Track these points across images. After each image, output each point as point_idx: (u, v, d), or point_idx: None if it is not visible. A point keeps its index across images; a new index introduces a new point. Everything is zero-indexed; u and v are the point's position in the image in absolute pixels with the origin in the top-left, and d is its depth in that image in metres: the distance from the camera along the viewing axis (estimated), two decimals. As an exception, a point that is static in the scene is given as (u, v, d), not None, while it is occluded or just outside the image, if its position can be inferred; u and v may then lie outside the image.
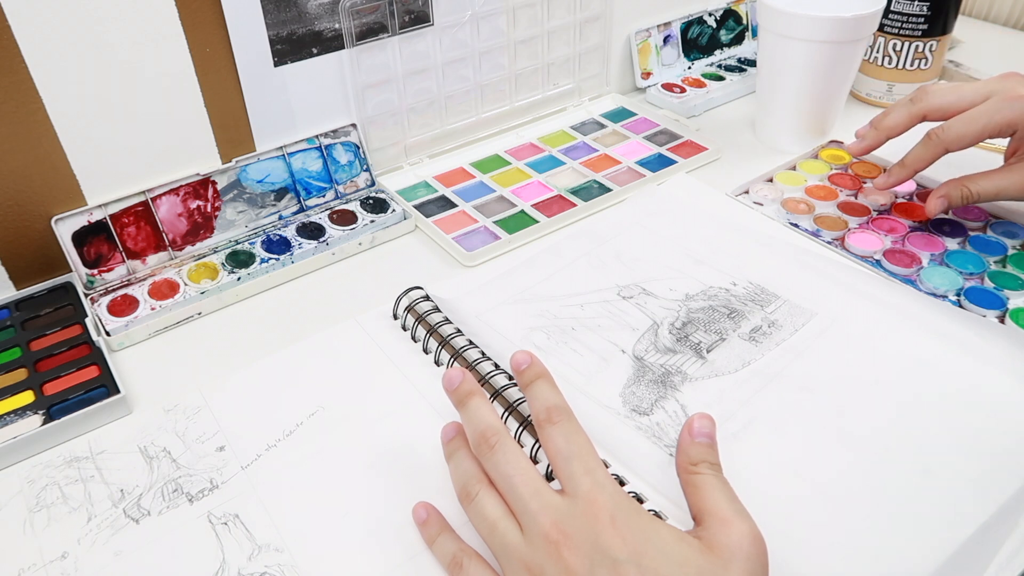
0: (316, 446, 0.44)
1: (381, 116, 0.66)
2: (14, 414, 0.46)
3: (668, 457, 0.43)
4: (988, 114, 0.54)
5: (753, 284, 0.55)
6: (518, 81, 0.73)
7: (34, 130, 0.52)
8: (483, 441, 0.37)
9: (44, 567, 0.39)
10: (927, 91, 0.57)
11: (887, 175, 0.60)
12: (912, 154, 0.58)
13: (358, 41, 0.62)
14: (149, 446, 0.45)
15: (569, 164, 0.69)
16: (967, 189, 0.56)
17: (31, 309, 0.54)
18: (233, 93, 0.59)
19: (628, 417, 0.45)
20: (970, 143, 0.55)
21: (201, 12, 0.55)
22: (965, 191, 0.56)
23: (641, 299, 0.54)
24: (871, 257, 0.57)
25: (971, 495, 0.40)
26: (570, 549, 0.33)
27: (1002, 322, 0.51)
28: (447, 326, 0.50)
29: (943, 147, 0.56)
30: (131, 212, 0.56)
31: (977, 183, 0.56)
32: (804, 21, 0.63)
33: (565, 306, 0.54)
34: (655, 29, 0.81)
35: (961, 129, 0.55)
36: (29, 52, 0.50)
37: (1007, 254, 0.57)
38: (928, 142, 0.56)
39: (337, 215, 0.62)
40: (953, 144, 0.55)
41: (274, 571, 0.38)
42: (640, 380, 0.48)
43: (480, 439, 0.38)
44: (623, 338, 0.51)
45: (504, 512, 0.36)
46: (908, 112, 0.58)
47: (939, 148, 0.56)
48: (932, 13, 0.72)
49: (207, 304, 0.55)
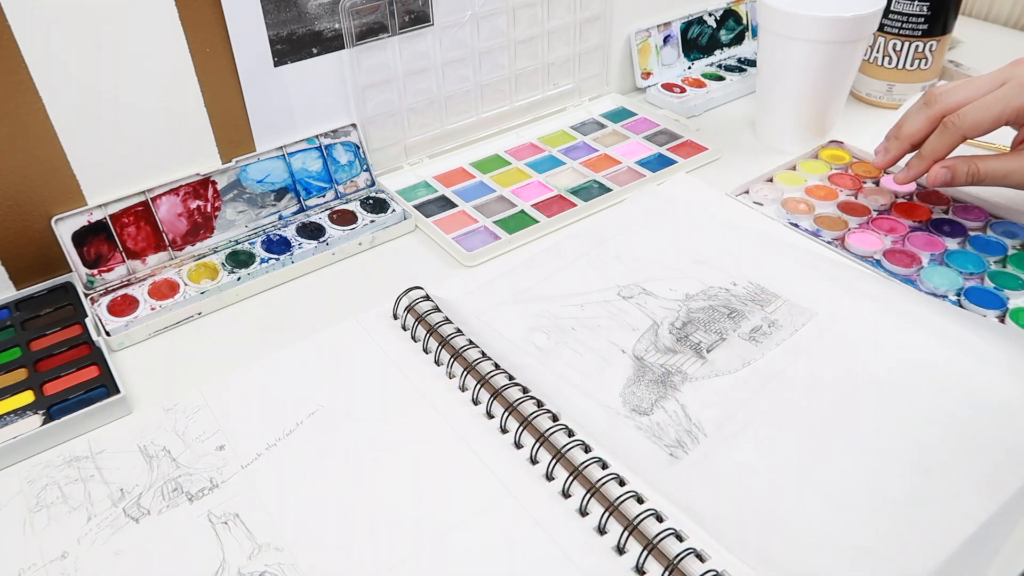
0: (316, 446, 0.44)
1: (381, 116, 0.66)
2: (14, 414, 0.46)
3: (668, 457, 0.43)
4: (1005, 100, 0.53)
5: (753, 284, 0.55)
6: (518, 81, 0.73)
7: (34, 130, 0.52)
8: None
9: (44, 567, 0.39)
10: (939, 92, 0.57)
11: (906, 168, 0.59)
12: (929, 145, 0.57)
13: (358, 41, 0.62)
14: (149, 445, 0.45)
15: (569, 164, 0.69)
16: (975, 166, 0.55)
17: (31, 309, 0.54)
18: (233, 93, 0.59)
19: (628, 417, 0.45)
20: (987, 130, 0.55)
21: (201, 12, 0.55)
22: (972, 167, 0.55)
23: (641, 299, 0.54)
24: (871, 257, 0.57)
25: (971, 495, 0.40)
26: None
27: (1002, 322, 0.51)
28: (447, 326, 0.50)
29: (960, 135, 0.55)
30: (131, 212, 0.56)
31: (986, 162, 0.55)
32: (804, 21, 0.63)
33: (565, 306, 0.54)
34: (655, 29, 0.81)
35: (978, 116, 0.54)
36: (29, 52, 0.50)
37: (1007, 254, 0.57)
38: (944, 131, 0.56)
39: (337, 215, 0.62)
40: (971, 131, 0.55)
41: (274, 570, 0.38)
42: (640, 380, 0.48)
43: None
44: (623, 338, 0.51)
45: None
46: (926, 116, 0.57)
47: (956, 136, 0.55)
48: (932, 13, 0.72)
49: (207, 304, 0.55)
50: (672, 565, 0.36)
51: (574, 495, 0.41)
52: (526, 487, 0.42)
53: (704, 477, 0.42)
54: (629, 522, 0.38)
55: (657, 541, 0.37)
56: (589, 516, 0.40)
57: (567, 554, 0.38)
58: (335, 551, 0.39)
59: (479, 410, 0.46)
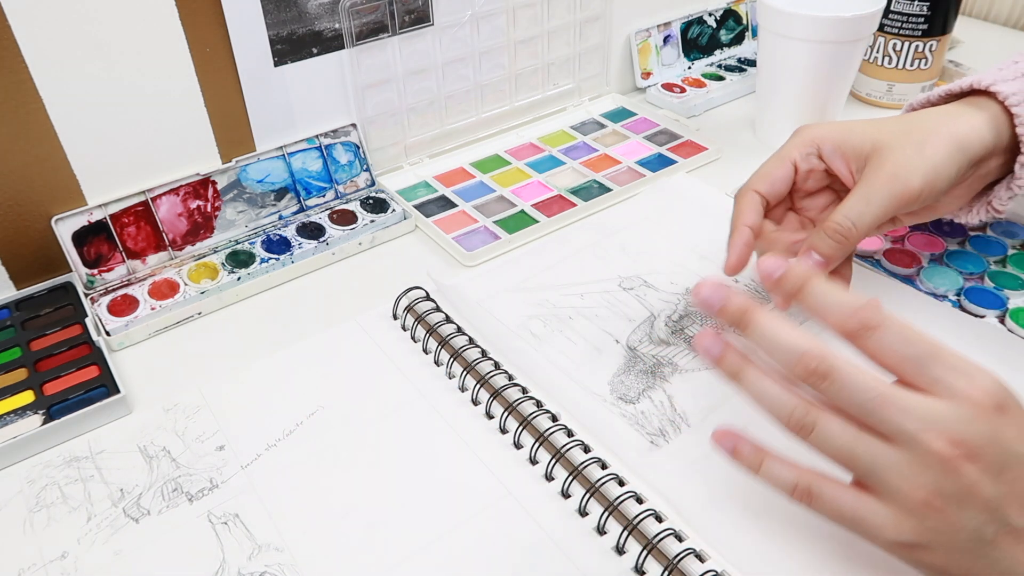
0: (316, 446, 0.44)
1: (381, 116, 0.66)
2: (14, 414, 0.46)
3: (650, 444, 0.43)
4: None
5: (755, 281, 0.55)
6: (518, 81, 0.73)
7: (34, 130, 0.52)
8: (808, 373, 0.33)
9: (44, 567, 0.39)
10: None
11: None
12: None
13: (358, 41, 0.62)
14: (149, 445, 0.45)
15: (569, 164, 0.69)
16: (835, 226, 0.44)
17: (31, 309, 0.54)
18: (233, 93, 0.59)
19: (614, 404, 0.46)
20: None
21: (201, 12, 0.55)
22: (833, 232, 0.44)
23: (641, 291, 0.54)
24: (871, 257, 0.57)
25: None
26: (971, 460, 0.30)
27: (1002, 322, 0.51)
28: (447, 326, 0.51)
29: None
30: (131, 212, 0.56)
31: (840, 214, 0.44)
32: (804, 21, 0.63)
33: (565, 295, 0.54)
34: (655, 29, 0.81)
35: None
36: (29, 52, 0.50)
37: (1007, 254, 0.57)
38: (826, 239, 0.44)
39: (337, 215, 0.62)
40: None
41: (274, 570, 0.38)
42: (630, 370, 0.48)
43: (803, 370, 0.33)
44: (618, 328, 0.51)
45: (857, 430, 0.32)
46: None
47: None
48: (932, 13, 0.72)
49: (207, 304, 0.55)
50: (672, 565, 0.36)
51: (574, 495, 0.41)
52: (526, 487, 0.42)
53: (683, 465, 0.42)
54: (629, 522, 0.38)
55: (657, 541, 0.38)
56: (589, 516, 0.40)
57: (567, 554, 0.38)
58: (335, 551, 0.39)
59: (479, 410, 0.46)
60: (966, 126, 0.44)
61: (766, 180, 0.48)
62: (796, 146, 0.48)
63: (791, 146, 0.48)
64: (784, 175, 0.48)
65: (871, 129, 0.46)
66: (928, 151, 0.43)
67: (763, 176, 0.48)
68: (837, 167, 0.46)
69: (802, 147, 0.47)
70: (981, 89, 0.46)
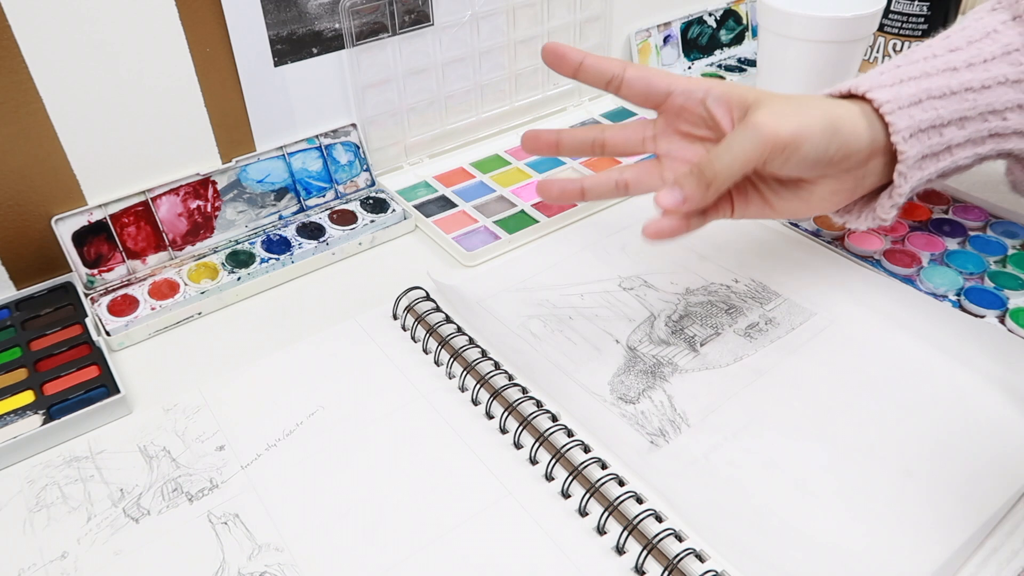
0: (316, 446, 0.45)
1: (381, 116, 0.66)
2: (14, 414, 0.46)
3: (649, 444, 0.43)
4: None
5: (755, 282, 0.55)
6: (518, 81, 0.73)
7: (34, 130, 0.52)
8: None
9: (44, 567, 0.39)
10: None
11: None
12: None
13: (358, 41, 0.62)
14: (149, 445, 0.45)
15: (569, 164, 0.69)
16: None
17: (31, 309, 0.54)
18: (233, 93, 0.59)
19: (614, 404, 0.46)
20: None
21: (201, 12, 0.55)
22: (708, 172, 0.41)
23: (641, 291, 0.54)
24: (871, 257, 0.57)
25: (957, 502, 0.40)
26: None
27: (1002, 322, 0.51)
28: (447, 326, 0.51)
29: None
30: (131, 212, 0.56)
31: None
32: (803, 21, 0.63)
33: (565, 295, 0.54)
34: (655, 29, 0.81)
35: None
36: (29, 52, 0.50)
37: (1007, 254, 0.57)
38: None
39: (337, 215, 0.62)
40: None
41: (274, 571, 0.38)
42: (630, 370, 0.48)
43: None
44: (619, 328, 0.51)
45: None
46: None
47: None
48: (932, 13, 0.72)
49: (207, 304, 0.55)
50: (672, 565, 0.36)
51: (574, 495, 0.41)
52: (526, 487, 0.42)
53: (682, 465, 0.42)
54: (629, 522, 0.38)
55: (657, 541, 0.38)
56: (589, 516, 0.40)
57: (567, 554, 0.38)
58: (335, 551, 0.39)
59: (479, 410, 0.46)
60: (845, 115, 0.43)
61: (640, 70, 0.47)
62: (688, 78, 0.47)
63: (684, 77, 0.47)
64: (662, 77, 0.47)
65: (759, 91, 0.45)
66: (804, 113, 0.42)
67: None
68: (719, 114, 0.45)
69: (692, 82, 0.46)
70: (858, 95, 0.44)
